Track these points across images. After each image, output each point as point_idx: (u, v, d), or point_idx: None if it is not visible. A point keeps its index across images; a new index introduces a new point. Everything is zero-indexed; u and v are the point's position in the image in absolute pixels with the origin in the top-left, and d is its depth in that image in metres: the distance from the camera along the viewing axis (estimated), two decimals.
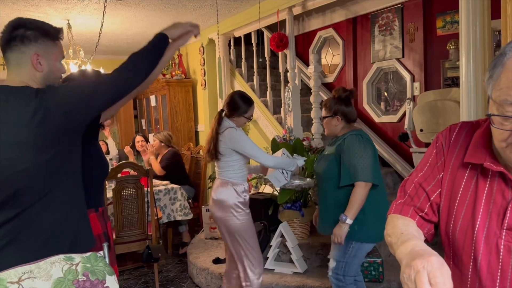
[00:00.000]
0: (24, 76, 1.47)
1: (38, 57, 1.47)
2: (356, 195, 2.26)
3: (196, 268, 3.63)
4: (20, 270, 1.24)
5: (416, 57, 4.20)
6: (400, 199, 1.10)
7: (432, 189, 1.05)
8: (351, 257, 2.35)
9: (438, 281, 0.75)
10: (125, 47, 6.51)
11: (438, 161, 1.06)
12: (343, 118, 2.43)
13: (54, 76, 1.55)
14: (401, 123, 4.30)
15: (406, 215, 1.06)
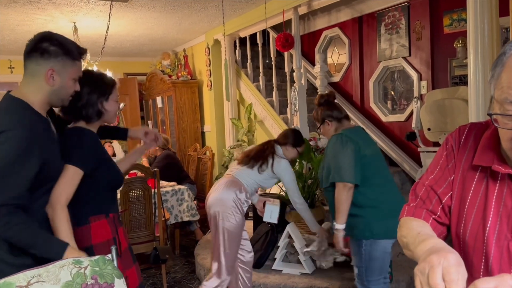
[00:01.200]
0: (32, 87, 1.50)
1: (53, 73, 1.50)
2: (337, 198, 2.26)
3: (204, 269, 3.63)
4: (29, 274, 1.24)
5: (423, 55, 4.17)
6: (412, 203, 1.09)
7: (443, 191, 1.04)
8: (367, 260, 2.28)
9: (452, 277, 0.73)
10: (131, 49, 6.54)
11: (448, 163, 1.05)
12: (333, 119, 2.46)
13: (65, 92, 1.57)
14: (409, 122, 4.27)
15: (419, 218, 1.04)
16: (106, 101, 1.75)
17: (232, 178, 2.81)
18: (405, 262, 3.30)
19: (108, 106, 1.76)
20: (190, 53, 6.34)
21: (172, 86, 6.06)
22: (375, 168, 2.34)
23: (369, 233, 2.25)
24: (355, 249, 2.33)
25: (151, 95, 6.91)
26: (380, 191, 2.32)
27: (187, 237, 4.87)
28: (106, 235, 1.73)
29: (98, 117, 1.75)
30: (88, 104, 1.71)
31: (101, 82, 1.77)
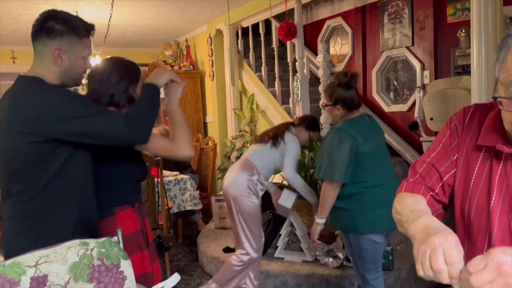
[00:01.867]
0: (43, 68, 1.48)
1: (60, 52, 1.47)
2: (322, 193, 2.25)
3: (206, 256, 3.67)
4: (37, 254, 1.26)
5: (426, 45, 4.16)
6: (411, 178, 1.10)
7: (445, 170, 1.05)
8: (358, 251, 2.24)
9: (453, 260, 0.74)
10: (133, 39, 6.53)
11: (452, 143, 1.06)
12: (344, 106, 2.29)
13: (76, 71, 1.53)
14: (411, 112, 4.27)
15: (418, 193, 1.06)
16: (136, 88, 1.73)
17: (245, 160, 2.86)
18: (407, 251, 3.33)
19: (139, 92, 1.74)
20: (192, 43, 6.33)
21: None
22: (371, 163, 2.24)
23: (352, 227, 2.22)
24: (345, 240, 2.33)
25: None
26: (370, 187, 2.22)
27: (189, 227, 4.91)
28: (133, 225, 1.70)
29: (130, 103, 1.71)
30: (119, 91, 1.68)
31: (131, 68, 1.75)
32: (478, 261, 0.71)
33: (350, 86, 2.29)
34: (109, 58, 1.80)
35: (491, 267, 0.69)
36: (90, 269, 1.33)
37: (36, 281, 1.23)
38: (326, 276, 3.01)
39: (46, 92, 1.43)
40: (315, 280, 3.02)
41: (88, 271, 1.32)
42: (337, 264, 3.10)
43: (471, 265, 0.71)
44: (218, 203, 4.34)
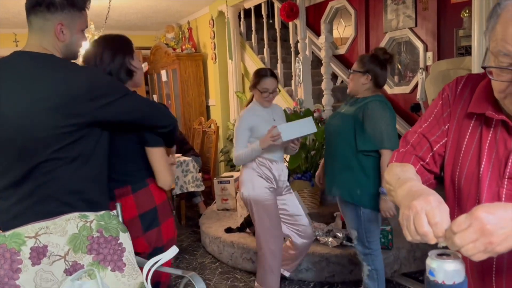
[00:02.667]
0: (47, 43, 1.45)
1: (62, 27, 1.44)
2: (384, 165, 2.20)
3: (208, 237, 3.71)
4: (37, 226, 1.29)
5: (429, 26, 4.12)
6: (402, 149, 1.11)
7: (436, 139, 1.06)
8: (366, 222, 2.30)
9: (437, 220, 0.76)
10: (135, 22, 6.50)
11: (443, 112, 1.06)
12: (373, 79, 2.28)
13: (76, 46, 1.52)
14: (413, 94, 4.26)
15: (408, 163, 1.07)
16: (132, 59, 1.70)
17: None
18: None
19: (136, 64, 1.72)
20: (194, 26, 6.29)
21: (176, 59, 6.04)
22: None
23: (367, 201, 2.27)
24: (352, 214, 2.34)
25: (156, 69, 6.90)
26: None
27: (192, 209, 4.95)
28: (163, 194, 1.76)
29: (130, 76, 1.70)
30: (116, 67, 1.66)
31: (122, 41, 1.72)
32: (462, 220, 0.73)
33: (385, 65, 2.32)
34: (96, 39, 1.79)
35: (474, 227, 0.71)
36: (89, 240, 1.35)
37: (36, 251, 1.26)
38: (326, 255, 3.04)
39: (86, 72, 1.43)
40: (315, 258, 3.05)
41: (87, 243, 1.35)
42: (336, 243, 3.13)
43: (455, 225, 0.73)
44: (220, 185, 4.37)
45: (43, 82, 1.36)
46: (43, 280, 1.26)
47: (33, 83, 1.36)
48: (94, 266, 1.34)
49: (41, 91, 1.35)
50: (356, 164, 2.28)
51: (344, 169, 2.32)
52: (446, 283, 0.74)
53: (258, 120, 2.60)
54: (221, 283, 3.15)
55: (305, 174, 3.51)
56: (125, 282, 1.37)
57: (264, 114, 2.64)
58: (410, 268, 3.12)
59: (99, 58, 1.68)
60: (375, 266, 2.37)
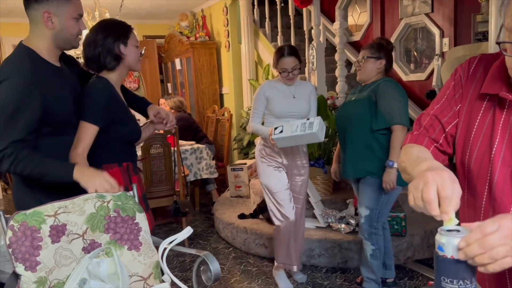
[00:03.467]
0: (35, 33, 1.52)
1: (50, 15, 1.50)
2: (397, 139, 2.29)
3: (222, 223, 3.75)
4: (56, 205, 1.33)
5: (446, 11, 4.05)
6: (416, 131, 1.11)
7: (447, 120, 1.06)
8: (384, 203, 2.42)
9: (447, 193, 0.76)
10: (149, 10, 6.52)
11: (455, 94, 1.06)
12: (387, 63, 2.44)
13: (68, 33, 1.57)
14: (429, 81, 4.20)
15: (421, 144, 1.07)
16: (125, 46, 1.73)
17: None
18: (420, 218, 3.34)
19: (127, 51, 1.74)
20: (208, 14, 6.29)
21: (190, 47, 6.05)
22: None
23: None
24: (374, 193, 2.39)
25: (170, 57, 6.92)
26: None
27: (206, 196, 5.01)
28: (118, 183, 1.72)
29: (117, 62, 1.73)
30: (104, 50, 1.70)
31: (116, 26, 1.75)
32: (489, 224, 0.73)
33: (390, 53, 2.49)
34: (98, 21, 1.82)
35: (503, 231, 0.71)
36: (106, 220, 1.39)
37: (55, 229, 1.30)
38: (338, 241, 3.06)
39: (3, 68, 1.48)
40: (327, 244, 3.07)
41: (105, 222, 1.39)
42: (349, 229, 3.14)
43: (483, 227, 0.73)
44: (233, 172, 4.41)
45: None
46: (62, 257, 1.31)
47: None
48: (112, 244, 1.38)
49: None
50: (375, 144, 2.36)
51: (366, 151, 2.39)
52: (455, 258, 0.75)
53: (276, 93, 2.62)
54: (235, 268, 3.19)
55: (318, 161, 3.51)
56: (141, 261, 1.41)
57: (284, 90, 2.64)
58: (423, 255, 3.12)
59: (92, 39, 1.71)
60: (379, 245, 2.46)
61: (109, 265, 1.31)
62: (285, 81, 2.63)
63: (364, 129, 2.38)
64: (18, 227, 1.25)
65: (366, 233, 2.46)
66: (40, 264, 1.26)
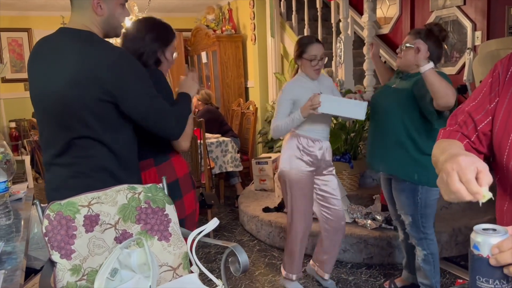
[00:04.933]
0: (86, 20, 1.51)
1: (99, 1, 1.50)
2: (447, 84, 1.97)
3: (247, 216, 3.78)
4: (90, 196, 1.37)
5: (479, 3, 3.93)
6: (449, 127, 1.10)
7: (480, 118, 1.04)
8: (423, 207, 2.26)
9: (468, 177, 0.77)
10: (176, 3, 6.57)
11: (492, 91, 1.04)
12: (430, 52, 2.07)
13: (116, 20, 1.57)
14: (460, 75, 4.10)
15: (454, 138, 1.06)
16: (167, 51, 1.78)
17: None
18: (448, 215, 3.28)
19: (167, 56, 1.80)
20: (234, 7, 6.29)
21: (216, 40, 6.08)
22: None
23: (427, 179, 2.19)
24: (409, 199, 2.28)
25: (196, 50, 6.97)
26: None
27: (230, 189, 5.04)
28: (185, 168, 1.83)
29: (156, 65, 1.78)
30: (149, 51, 1.74)
31: (165, 31, 1.80)
32: None
33: (440, 43, 2.22)
34: (146, 18, 1.84)
35: None
36: (137, 211, 1.42)
37: (89, 219, 1.34)
38: (364, 237, 3.03)
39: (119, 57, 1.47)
40: (353, 240, 3.05)
41: (136, 213, 1.42)
42: (375, 225, 3.11)
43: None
44: (258, 166, 4.42)
45: (77, 56, 1.43)
46: (96, 246, 1.35)
47: (69, 58, 1.44)
48: (142, 235, 1.41)
49: (73, 65, 1.42)
50: (409, 143, 2.21)
51: (396, 147, 2.24)
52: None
53: (303, 92, 2.42)
54: (259, 260, 3.22)
55: (344, 156, 3.48)
56: (170, 251, 1.44)
57: (311, 86, 2.47)
58: (451, 253, 3.07)
59: (140, 35, 1.75)
60: (431, 250, 2.33)
61: (140, 255, 1.35)
62: (311, 74, 2.47)
63: (398, 123, 2.21)
64: (54, 216, 1.30)
65: (415, 239, 2.35)
66: (74, 253, 1.30)
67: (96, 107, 1.43)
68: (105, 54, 1.44)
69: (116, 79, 1.42)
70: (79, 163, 1.48)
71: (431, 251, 2.33)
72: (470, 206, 3.35)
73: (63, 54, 1.45)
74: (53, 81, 1.45)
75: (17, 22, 6.52)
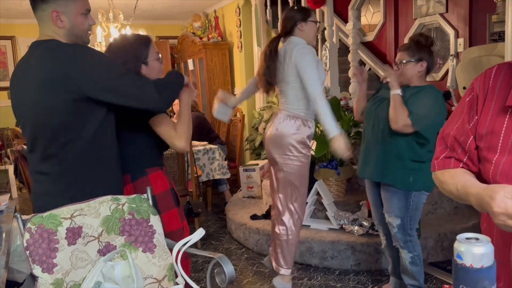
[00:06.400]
0: (50, 31, 1.53)
1: (58, 14, 1.51)
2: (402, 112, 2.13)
3: (234, 223, 3.76)
4: (72, 208, 1.35)
5: (461, 11, 4.00)
6: (442, 153, 1.11)
7: (464, 140, 1.06)
8: (413, 210, 2.31)
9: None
10: (162, 11, 6.56)
11: (471, 111, 1.05)
12: (426, 67, 2.21)
13: (79, 29, 1.57)
14: (444, 82, 4.16)
15: (449, 167, 1.08)
16: (146, 65, 1.73)
17: (282, 110, 2.50)
18: (434, 220, 3.31)
19: (149, 69, 1.74)
20: (220, 14, 6.30)
21: (203, 48, 6.08)
22: None
23: (422, 185, 2.25)
24: (401, 202, 2.30)
25: (183, 58, 6.96)
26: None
27: (218, 196, 5.02)
28: (165, 185, 1.78)
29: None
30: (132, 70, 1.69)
31: (133, 46, 1.73)
32: None
33: (431, 50, 2.28)
34: (128, 35, 1.83)
35: None
36: (121, 222, 1.40)
37: (71, 232, 1.31)
38: (351, 243, 3.04)
39: (80, 51, 1.48)
40: (340, 246, 3.05)
41: (120, 224, 1.40)
42: (362, 232, 3.12)
43: None
44: (246, 173, 4.41)
45: (40, 64, 1.46)
46: (79, 260, 1.32)
47: (34, 67, 1.47)
48: (126, 247, 1.39)
49: (38, 73, 1.45)
50: (408, 153, 2.23)
51: (394, 157, 2.26)
52: (474, 267, 0.74)
53: (319, 60, 2.41)
54: (247, 269, 3.20)
55: (330, 163, 3.49)
56: (155, 263, 1.42)
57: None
58: (437, 258, 3.09)
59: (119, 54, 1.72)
60: (417, 251, 2.39)
61: (124, 268, 1.33)
62: (313, 39, 2.43)
63: (397, 134, 2.22)
64: (35, 229, 1.27)
65: (402, 242, 2.37)
66: (57, 266, 1.27)
67: (72, 107, 1.44)
68: (64, 53, 1.45)
69: (81, 74, 1.43)
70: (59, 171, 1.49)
71: (417, 253, 2.39)
72: (456, 212, 3.39)
73: (31, 66, 1.48)
74: (26, 93, 1.48)
75: (1, 30, 6.44)
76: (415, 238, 2.38)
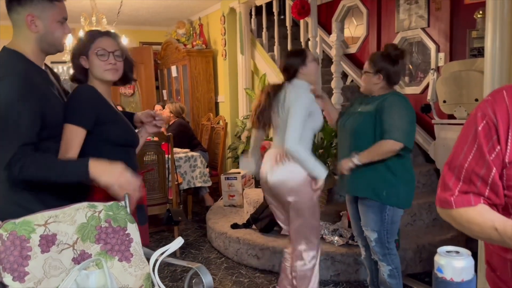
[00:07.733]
0: (21, 37, 1.50)
1: (33, 18, 1.48)
2: (380, 147, 2.17)
3: (214, 232, 3.72)
4: (47, 214, 1.31)
5: (442, 26, 4.08)
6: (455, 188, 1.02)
7: (487, 172, 0.99)
8: (389, 223, 2.30)
9: None
10: (146, 17, 6.52)
11: (489, 141, 0.99)
12: (385, 78, 2.27)
13: (53, 37, 1.53)
14: (424, 95, 4.22)
15: (470, 205, 1.00)
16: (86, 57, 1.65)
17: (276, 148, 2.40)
18: (413, 232, 3.34)
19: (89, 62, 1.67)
20: (205, 22, 6.30)
21: (187, 55, 6.05)
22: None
23: (395, 200, 2.27)
24: (376, 216, 2.30)
25: (166, 64, 6.92)
26: (410, 161, 2.36)
27: (199, 204, 4.97)
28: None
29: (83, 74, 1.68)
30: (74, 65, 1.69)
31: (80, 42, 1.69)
32: None
33: (396, 61, 2.29)
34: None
35: None
36: (97, 230, 1.37)
37: (45, 239, 1.27)
38: (331, 254, 3.04)
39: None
40: (320, 257, 3.04)
41: (96, 232, 1.36)
42: (342, 242, 3.12)
43: None
44: (227, 181, 4.39)
45: None
46: (52, 268, 1.28)
47: None
48: (102, 255, 1.36)
49: None
50: (380, 163, 2.23)
51: (369, 169, 2.25)
52: (455, 280, 0.74)
53: (317, 107, 2.36)
54: (226, 278, 3.16)
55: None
56: (132, 272, 1.39)
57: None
58: (416, 269, 3.11)
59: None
60: (395, 264, 2.38)
61: (99, 277, 1.29)
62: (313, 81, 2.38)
63: (368, 145, 2.23)
64: (7, 236, 1.22)
65: (380, 255, 2.37)
66: (28, 275, 1.23)
67: None
68: None
69: None
70: None
71: (396, 265, 2.38)
72: (434, 224, 3.42)
73: None
74: None
75: None
76: (393, 251, 2.38)
